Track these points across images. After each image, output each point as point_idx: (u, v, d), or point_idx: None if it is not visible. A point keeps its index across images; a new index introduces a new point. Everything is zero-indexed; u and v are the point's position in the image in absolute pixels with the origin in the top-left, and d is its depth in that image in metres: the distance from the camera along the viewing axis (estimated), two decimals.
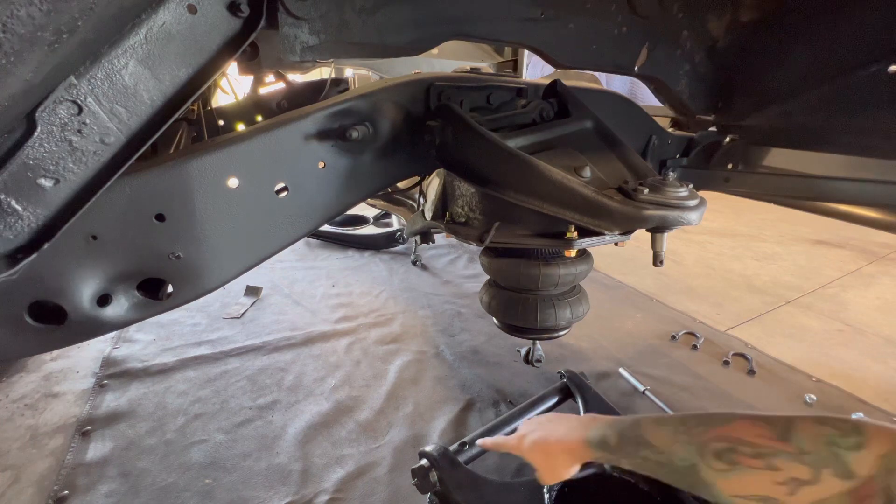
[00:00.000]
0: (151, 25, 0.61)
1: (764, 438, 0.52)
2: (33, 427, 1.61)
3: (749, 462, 0.52)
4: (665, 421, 0.65)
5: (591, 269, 1.22)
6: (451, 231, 1.13)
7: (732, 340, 2.30)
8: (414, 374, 1.96)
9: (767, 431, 0.52)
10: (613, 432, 0.70)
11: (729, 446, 0.54)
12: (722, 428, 0.57)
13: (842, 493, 0.46)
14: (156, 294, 0.77)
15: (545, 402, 1.50)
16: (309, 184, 0.86)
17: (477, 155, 0.92)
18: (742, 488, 0.53)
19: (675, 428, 0.62)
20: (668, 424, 0.63)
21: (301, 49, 0.76)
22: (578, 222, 0.86)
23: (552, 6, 0.98)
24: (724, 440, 0.55)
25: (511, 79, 1.16)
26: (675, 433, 0.61)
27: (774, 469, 0.50)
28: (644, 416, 0.69)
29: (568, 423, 0.79)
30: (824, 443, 0.48)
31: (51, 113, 0.57)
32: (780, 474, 0.49)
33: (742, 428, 0.55)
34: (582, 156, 0.95)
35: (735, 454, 0.54)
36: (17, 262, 0.59)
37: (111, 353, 2.01)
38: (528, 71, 2.95)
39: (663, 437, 0.62)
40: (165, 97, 0.65)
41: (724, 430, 0.56)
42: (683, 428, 0.61)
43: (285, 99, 1.53)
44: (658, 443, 0.62)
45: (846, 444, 0.47)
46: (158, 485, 1.39)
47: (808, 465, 0.48)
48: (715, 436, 0.57)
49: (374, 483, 1.42)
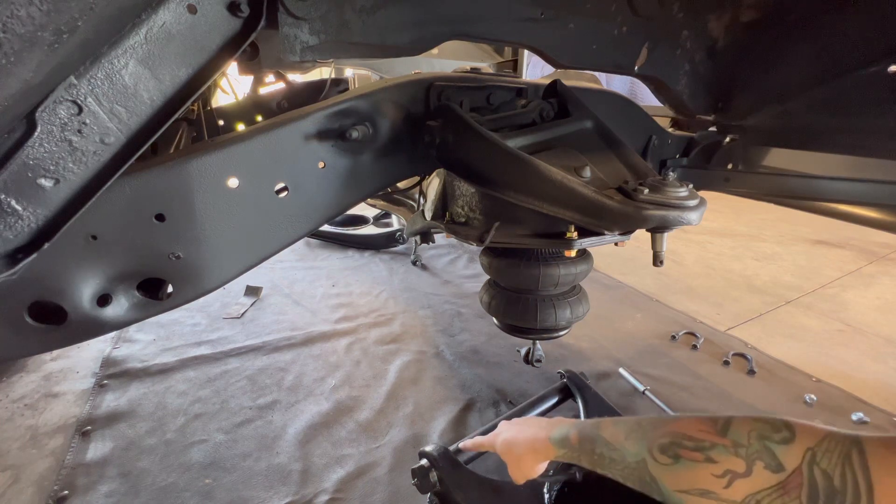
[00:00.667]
0: (151, 25, 0.61)
1: (704, 433, 0.55)
2: (33, 427, 1.61)
3: (690, 455, 0.55)
4: (622, 421, 0.68)
5: (591, 269, 1.22)
6: (451, 231, 1.13)
7: (732, 340, 2.30)
8: (414, 374, 1.96)
9: (708, 427, 0.55)
10: (575, 431, 0.74)
11: (673, 440, 0.58)
12: (670, 425, 0.60)
13: (772, 486, 0.49)
14: (156, 294, 0.77)
15: (545, 402, 1.50)
16: (309, 184, 0.86)
17: (477, 155, 0.92)
18: (684, 482, 0.55)
19: (629, 426, 0.65)
20: (624, 424, 0.66)
21: (301, 49, 0.76)
22: (578, 222, 0.86)
23: (552, 6, 0.98)
24: (669, 435, 0.58)
25: (511, 79, 1.16)
26: (630, 431, 0.64)
27: (712, 462, 0.53)
28: (605, 418, 0.72)
29: (537, 424, 0.83)
30: (756, 437, 0.51)
31: (51, 113, 0.57)
32: (717, 467, 0.52)
33: (687, 424, 0.58)
34: (582, 156, 0.95)
35: (678, 448, 0.57)
36: (17, 262, 0.59)
37: (111, 353, 2.01)
38: (528, 71, 2.95)
39: (618, 434, 0.65)
40: (165, 97, 0.65)
41: (671, 426, 0.60)
42: (637, 426, 0.64)
43: (285, 99, 1.53)
44: (613, 440, 0.65)
45: (776, 438, 0.50)
46: (158, 485, 1.39)
47: (742, 458, 0.51)
48: (662, 432, 0.60)
49: (374, 483, 1.42)
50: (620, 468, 0.64)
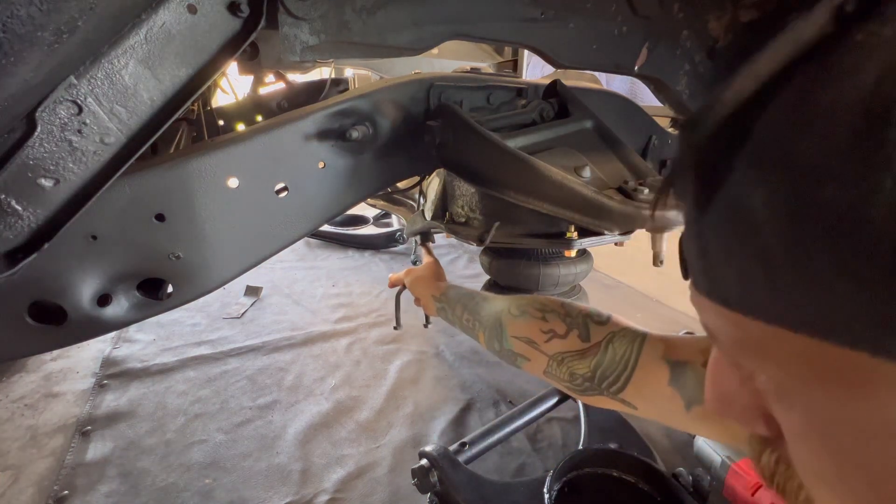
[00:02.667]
0: (152, 25, 0.61)
1: (554, 303, 0.69)
2: (33, 427, 1.61)
3: (533, 312, 0.70)
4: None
5: (591, 269, 1.22)
6: (451, 231, 1.13)
7: None
8: (414, 374, 1.96)
9: (559, 303, 0.70)
10: (454, 293, 0.93)
11: (528, 302, 0.72)
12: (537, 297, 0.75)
13: (576, 350, 0.63)
14: (156, 294, 0.77)
15: (545, 401, 1.50)
16: (309, 184, 0.86)
17: (477, 155, 0.92)
18: (519, 330, 0.70)
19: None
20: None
21: (301, 49, 0.76)
22: (578, 222, 0.86)
23: (552, 6, 0.98)
24: (530, 299, 0.73)
25: (511, 79, 1.16)
26: (502, 297, 0.79)
27: (545, 321, 0.68)
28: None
29: (432, 286, 1.01)
30: (582, 315, 0.66)
31: (51, 113, 0.57)
32: (546, 325, 0.67)
33: (548, 299, 0.72)
34: (582, 156, 0.95)
35: (528, 306, 0.71)
36: (17, 262, 0.59)
37: (111, 353, 2.01)
38: (528, 71, 2.95)
39: (491, 296, 0.83)
40: (165, 97, 0.65)
41: (537, 297, 0.74)
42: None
43: (285, 99, 1.53)
44: (487, 297, 0.83)
45: (595, 320, 0.64)
46: (158, 485, 1.39)
47: (566, 325, 0.66)
48: (528, 299, 0.74)
49: (374, 483, 1.42)
50: (482, 317, 0.79)
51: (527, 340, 0.69)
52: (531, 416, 1.46)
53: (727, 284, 0.22)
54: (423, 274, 1.04)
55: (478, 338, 0.81)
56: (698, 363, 0.51)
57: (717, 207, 0.21)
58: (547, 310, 0.69)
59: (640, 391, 0.56)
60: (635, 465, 1.17)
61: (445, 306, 0.92)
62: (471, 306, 0.84)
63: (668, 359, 0.54)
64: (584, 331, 0.64)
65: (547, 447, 1.54)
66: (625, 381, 0.57)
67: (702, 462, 1.31)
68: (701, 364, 0.50)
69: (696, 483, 1.20)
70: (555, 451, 1.52)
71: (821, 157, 0.17)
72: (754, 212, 0.19)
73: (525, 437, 1.56)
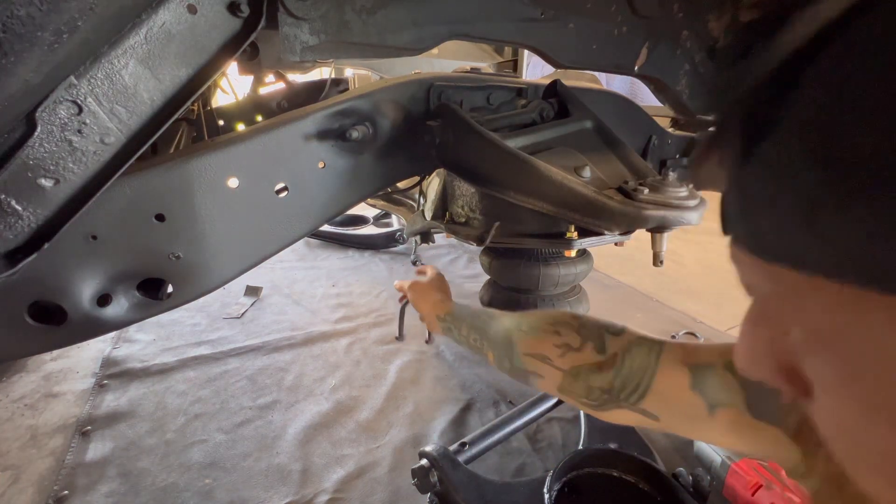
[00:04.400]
0: (152, 25, 0.61)
1: (567, 316, 0.67)
2: (33, 427, 1.61)
3: (545, 328, 0.67)
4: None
5: (590, 269, 1.22)
6: (451, 231, 1.13)
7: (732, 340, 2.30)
8: (414, 374, 1.96)
9: (572, 316, 0.67)
10: (462, 313, 0.88)
11: (539, 318, 0.69)
12: (549, 313, 0.72)
13: (593, 363, 0.60)
14: (156, 294, 0.77)
15: (545, 402, 1.50)
16: (309, 184, 0.86)
17: (477, 155, 0.92)
18: (532, 347, 0.67)
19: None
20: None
21: (301, 49, 0.76)
22: (579, 222, 0.87)
23: (552, 6, 0.98)
24: (540, 315, 0.70)
25: (511, 79, 1.16)
26: (510, 314, 0.76)
27: (558, 335, 0.65)
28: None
29: (437, 302, 0.97)
30: (596, 327, 0.63)
31: (51, 113, 0.57)
32: (559, 339, 0.64)
33: (560, 313, 0.70)
34: (582, 156, 0.95)
35: (540, 322, 0.68)
36: (17, 261, 0.60)
37: (111, 353, 2.01)
38: (528, 71, 2.95)
39: (499, 313, 0.78)
40: (165, 97, 0.65)
41: (549, 312, 0.71)
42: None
43: (285, 99, 1.53)
44: (494, 314, 0.79)
45: (610, 331, 0.62)
46: (158, 485, 1.39)
47: (580, 337, 0.63)
48: (539, 315, 0.71)
49: (374, 483, 1.41)
50: (490, 336, 0.76)
51: (540, 357, 0.66)
52: (531, 416, 1.46)
53: (768, 236, 0.22)
54: (427, 290, 1.01)
55: (487, 357, 0.78)
56: (719, 366, 0.49)
57: (761, 157, 0.21)
58: (559, 323, 0.66)
59: (661, 398, 0.54)
60: (635, 465, 1.17)
61: (451, 326, 0.89)
62: (478, 325, 0.81)
63: (688, 363, 0.52)
64: (599, 343, 0.61)
65: (547, 447, 1.54)
66: (644, 388, 0.55)
67: (702, 462, 1.31)
68: (722, 366, 0.49)
69: (696, 483, 1.20)
70: (555, 451, 1.52)
71: (871, 104, 0.17)
72: (798, 159, 0.19)
73: (525, 437, 1.56)
